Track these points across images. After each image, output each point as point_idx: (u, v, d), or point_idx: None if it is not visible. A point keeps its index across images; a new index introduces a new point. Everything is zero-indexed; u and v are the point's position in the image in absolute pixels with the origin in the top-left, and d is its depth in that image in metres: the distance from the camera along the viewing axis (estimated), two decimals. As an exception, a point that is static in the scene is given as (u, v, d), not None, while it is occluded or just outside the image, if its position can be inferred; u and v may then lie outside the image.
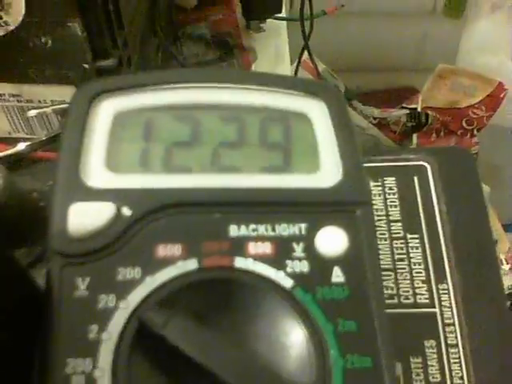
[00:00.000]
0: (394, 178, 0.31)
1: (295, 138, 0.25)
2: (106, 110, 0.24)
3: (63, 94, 0.46)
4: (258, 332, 0.20)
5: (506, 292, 0.92)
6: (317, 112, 0.25)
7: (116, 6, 0.43)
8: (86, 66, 0.44)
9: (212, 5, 0.71)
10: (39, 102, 0.48)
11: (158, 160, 0.24)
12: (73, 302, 0.20)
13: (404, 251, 0.29)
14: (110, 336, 0.20)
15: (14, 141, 0.38)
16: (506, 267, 0.96)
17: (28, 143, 0.32)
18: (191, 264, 0.21)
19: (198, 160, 0.24)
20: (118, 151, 0.23)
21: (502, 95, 1.00)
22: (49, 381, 0.19)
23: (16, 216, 0.29)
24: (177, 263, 0.21)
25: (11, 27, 0.42)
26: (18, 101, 0.48)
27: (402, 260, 0.29)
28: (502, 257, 0.97)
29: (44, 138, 0.32)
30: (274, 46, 0.74)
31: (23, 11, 0.41)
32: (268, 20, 0.72)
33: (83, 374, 0.19)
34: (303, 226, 0.23)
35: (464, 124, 1.02)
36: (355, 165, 0.24)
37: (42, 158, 0.33)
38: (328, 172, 0.24)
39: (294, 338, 0.20)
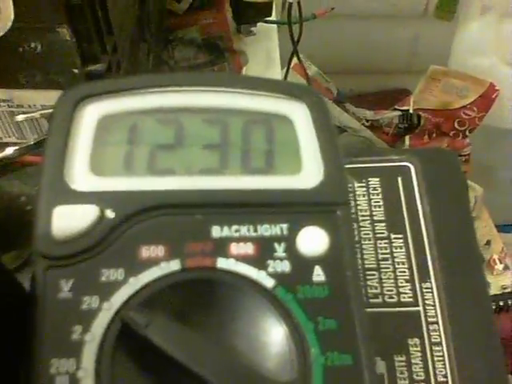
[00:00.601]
0: (378, 179, 0.32)
1: (277, 140, 0.25)
2: (91, 114, 0.24)
3: (53, 98, 0.46)
4: (240, 331, 0.21)
5: (500, 292, 0.92)
6: (299, 114, 0.25)
7: (105, 11, 0.44)
8: (76, 70, 0.45)
9: (203, 9, 0.72)
10: (29, 106, 0.48)
11: (142, 163, 0.24)
12: (57, 304, 0.21)
13: (388, 251, 0.30)
14: (94, 337, 0.20)
15: (5, 145, 0.38)
16: (499, 267, 0.96)
17: (16, 147, 0.32)
18: (174, 265, 0.21)
19: (182, 162, 0.24)
20: (102, 154, 0.24)
21: (493, 96, 1.00)
22: (33, 381, 0.19)
23: (3, 220, 0.30)
24: (160, 264, 0.21)
25: (0, 33, 0.42)
26: (8, 106, 0.48)
27: (385, 259, 0.30)
28: (496, 257, 0.98)
29: (32, 143, 0.32)
30: (264, 50, 0.74)
31: (12, 17, 0.41)
32: (258, 24, 0.73)
33: (67, 375, 0.19)
34: (285, 226, 0.23)
35: (456, 125, 1.02)
36: (336, 166, 0.24)
37: (31, 162, 0.34)
38: (309, 173, 0.24)
39: (275, 336, 0.21)
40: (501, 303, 0.85)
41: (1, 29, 0.42)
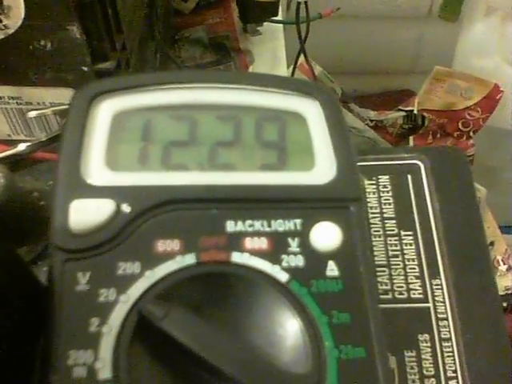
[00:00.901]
0: (388, 177, 0.32)
1: (290, 137, 0.25)
2: (106, 110, 0.25)
3: (62, 96, 0.47)
4: (255, 324, 0.21)
5: (503, 293, 0.92)
6: (311, 111, 0.26)
7: (114, 10, 0.44)
8: (85, 68, 0.45)
9: (209, 8, 0.72)
10: (38, 104, 0.48)
11: (157, 158, 0.24)
12: (74, 296, 0.21)
13: (398, 248, 0.30)
14: (111, 329, 0.20)
15: (14, 143, 0.38)
16: (503, 268, 0.96)
17: (28, 144, 0.32)
18: (189, 259, 0.22)
19: (196, 158, 0.24)
20: (117, 150, 0.24)
21: (497, 97, 1.00)
22: (51, 372, 0.20)
23: (17, 215, 0.30)
24: (175, 258, 0.22)
25: (11, 30, 0.43)
26: (17, 103, 0.49)
27: (396, 256, 0.30)
28: (499, 258, 0.98)
29: (44, 139, 0.32)
30: (270, 49, 0.75)
31: (23, 15, 0.42)
32: (265, 23, 0.73)
33: (85, 366, 0.20)
34: (298, 221, 0.23)
35: (460, 126, 1.02)
36: (349, 163, 0.25)
37: (42, 158, 0.34)
38: (322, 169, 0.24)
39: (290, 329, 0.21)
40: (504, 304, 0.85)
41: (11, 26, 0.42)
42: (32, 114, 0.38)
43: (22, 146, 0.32)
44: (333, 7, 0.76)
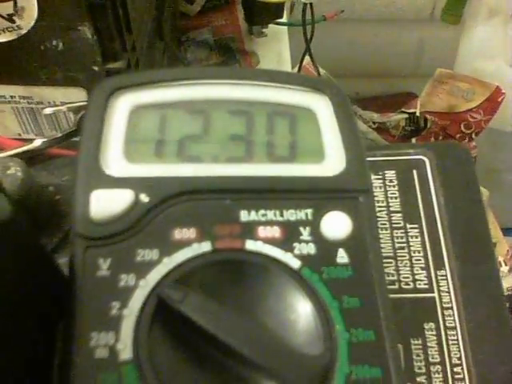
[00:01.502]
0: (394, 172, 0.33)
1: (301, 131, 0.26)
2: (123, 105, 0.26)
3: (72, 95, 0.48)
4: (269, 308, 0.22)
5: (505, 293, 0.93)
6: (321, 106, 0.27)
7: (125, 11, 0.45)
8: (96, 68, 0.46)
9: (215, 11, 0.73)
10: (49, 103, 0.49)
11: (172, 151, 0.25)
12: (96, 281, 0.22)
13: (404, 240, 0.31)
14: (131, 312, 0.21)
15: (24, 141, 0.39)
16: (504, 269, 0.97)
17: (44, 139, 0.33)
18: (205, 246, 0.23)
19: (210, 151, 0.25)
20: (134, 143, 0.25)
21: (499, 99, 1.01)
22: (74, 353, 0.21)
23: (34, 209, 0.31)
24: (192, 245, 0.23)
25: (23, 31, 0.44)
26: (28, 102, 0.50)
27: (402, 248, 0.31)
28: (501, 259, 0.98)
29: (60, 135, 0.33)
30: (275, 51, 0.76)
31: (36, 15, 0.43)
32: (269, 25, 0.74)
33: (106, 347, 0.21)
34: (309, 211, 0.24)
35: (462, 128, 1.03)
36: (357, 155, 0.25)
37: (57, 154, 0.35)
38: (332, 162, 0.25)
39: (303, 313, 0.22)
40: (506, 304, 0.85)
41: (24, 27, 0.43)
42: (47, 110, 0.39)
43: (38, 142, 0.33)
44: (337, 10, 0.77)
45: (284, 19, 0.74)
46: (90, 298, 0.21)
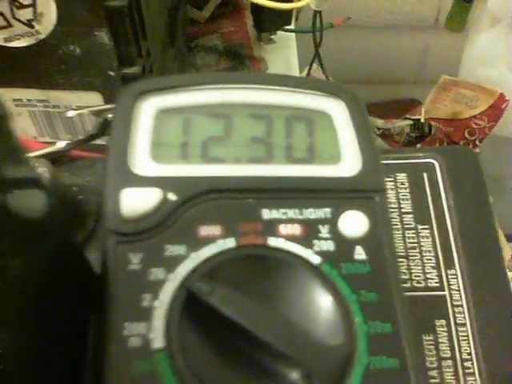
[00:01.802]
0: (405, 174, 0.34)
1: (318, 134, 0.27)
2: (149, 108, 0.27)
3: (88, 99, 0.49)
4: (291, 302, 0.23)
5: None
6: (337, 110, 0.28)
7: (141, 17, 0.46)
8: (112, 73, 0.47)
9: (224, 17, 0.74)
10: (65, 107, 0.50)
11: (196, 152, 0.26)
12: (127, 274, 0.23)
13: (415, 240, 0.32)
14: (162, 303, 0.22)
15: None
16: (510, 275, 0.98)
17: (68, 141, 0.34)
18: (230, 242, 0.24)
19: (232, 152, 0.27)
20: (160, 144, 0.26)
21: (503, 106, 1.02)
22: (109, 343, 0.22)
23: (58, 208, 0.32)
24: (217, 241, 0.24)
25: (42, 36, 0.45)
26: (44, 106, 0.51)
27: (413, 248, 0.32)
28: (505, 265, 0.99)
29: (82, 137, 0.35)
30: (283, 57, 0.77)
31: (55, 21, 0.44)
32: (278, 32, 0.75)
33: (139, 336, 0.22)
34: (328, 210, 0.25)
35: (466, 134, 1.04)
36: (372, 157, 0.27)
37: (78, 156, 0.36)
38: (348, 163, 0.27)
39: (324, 306, 0.23)
40: None
41: (43, 32, 0.45)
42: (71, 113, 0.40)
43: (61, 144, 0.34)
44: (344, 17, 0.78)
45: (292, 26, 0.75)
46: (122, 290, 0.23)
